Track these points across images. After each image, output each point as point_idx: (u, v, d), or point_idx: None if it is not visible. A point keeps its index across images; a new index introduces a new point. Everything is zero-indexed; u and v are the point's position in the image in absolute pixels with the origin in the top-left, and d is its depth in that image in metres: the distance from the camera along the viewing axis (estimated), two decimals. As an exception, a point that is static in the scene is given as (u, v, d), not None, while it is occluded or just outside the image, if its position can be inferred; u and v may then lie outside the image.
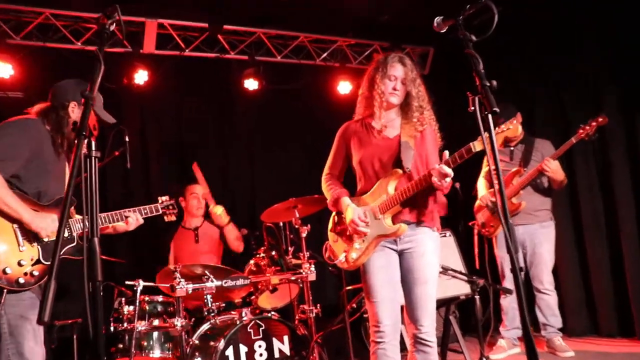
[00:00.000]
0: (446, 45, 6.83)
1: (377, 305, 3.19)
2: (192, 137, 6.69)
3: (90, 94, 1.92)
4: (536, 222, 5.23)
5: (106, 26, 2.08)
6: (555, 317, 5.23)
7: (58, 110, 3.26)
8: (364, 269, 3.27)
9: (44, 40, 5.69)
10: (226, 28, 6.19)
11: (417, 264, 3.19)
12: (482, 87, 2.12)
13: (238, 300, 4.88)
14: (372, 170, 3.30)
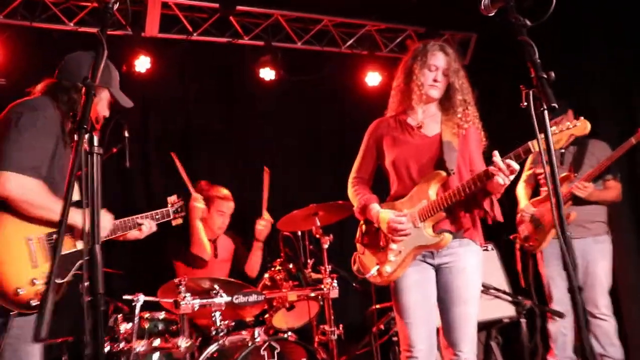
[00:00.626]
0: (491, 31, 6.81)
1: (410, 327, 3.19)
2: (199, 133, 6.72)
3: (91, 82, 1.93)
4: (589, 236, 5.17)
5: (109, 5, 2.09)
6: (614, 347, 5.15)
7: (70, 90, 3.08)
8: (396, 285, 3.26)
9: (30, 20, 5.70)
10: (239, 9, 6.22)
11: (456, 281, 3.19)
12: (537, 80, 2.11)
13: (250, 318, 4.88)
14: (408, 173, 3.30)
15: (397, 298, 3.26)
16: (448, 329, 3.19)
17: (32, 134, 2.84)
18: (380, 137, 3.42)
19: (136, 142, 6.14)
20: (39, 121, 2.89)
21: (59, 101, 3.04)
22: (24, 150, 2.80)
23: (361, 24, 6.87)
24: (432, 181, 3.20)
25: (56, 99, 3.04)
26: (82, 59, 3.19)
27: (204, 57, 6.59)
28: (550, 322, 5.35)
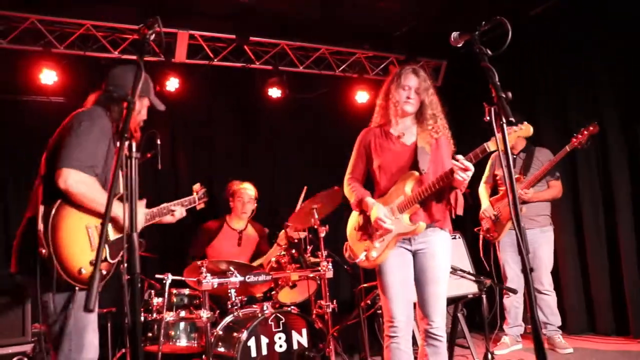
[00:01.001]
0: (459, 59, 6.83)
1: (392, 302, 3.20)
2: (218, 141, 6.72)
3: (131, 99, 1.93)
4: (536, 227, 5.22)
5: (147, 36, 2.10)
6: (554, 316, 5.21)
7: (120, 102, 3.02)
8: (380, 267, 3.26)
9: (84, 50, 5.75)
10: (252, 39, 6.22)
11: (429, 264, 3.20)
12: (498, 98, 2.11)
13: (259, 295, 4.87)
14: (390, 174, 3.30)
15: (381, 278, 3.26)
16: (423, 304, 3.20)
17: (91, 138, 2.80)
18: (368, 144, 3.41)
19: (167, 149, 6.15)
20: (96, 127, 2.84)
21: (110, 110, 2.98)
22: (84, 152, 2.75)
23: (352, 52, 6.85)
24: (408, 180, 3.21)
25: (108, 109, 2.98)
26: (126, 72, 3.14)
27: (222, 78, 6.60)
28: (505, 297, 5.39)
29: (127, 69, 3.17)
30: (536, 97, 6.17)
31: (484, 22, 2.46)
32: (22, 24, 5.38)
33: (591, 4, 5.56)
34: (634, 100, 5.25)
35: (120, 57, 5.81)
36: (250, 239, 5.51)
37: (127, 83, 3.03)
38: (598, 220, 5.67)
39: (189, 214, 6.14)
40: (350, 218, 3.54)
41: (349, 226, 3.53)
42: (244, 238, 5.45)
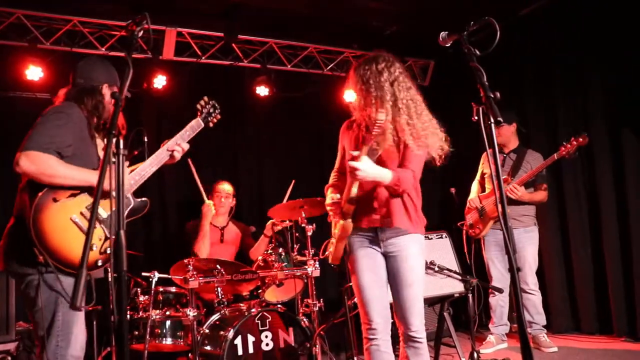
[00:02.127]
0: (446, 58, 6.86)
1: (368, 304, 3.12)
2: (204, 138, 6.66)
3: (119, 95, 1.92)
4: (520, 227, 5.25)
5: (135, 33, 2.08)
6: (539, 315, 5.26)
7: (92, 93, 3.05)
8: (352, 269, 3.20)
9: (71, 46, 5.68)
10: (241, 37, 6.20)
11: (401, 268, 3.08)
12: (486, 98, 2.12)
13: (246, 293, 4.87)
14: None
15: (353, 280, 3.19)
16: (399, 308, 3.09)
17: (52, 124, 2.78)
18: (341, 138, 3.43)
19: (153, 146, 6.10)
20: (62, 115, 2.84)
21: (83, 103, 3.00)
22: (42, 136, 2.73)
23: (340, 51, 6.87)
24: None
25: (80, 102, 3.00)
26: (95, 66, 3.17)
27: (210, 76, 6.56)
28: (490, 296, 5.42)
29: (93, 61, 3.21)
30: (525, 97, 6.21)
31: (473, 23, 2.46)
32: (7, 19, 5.31)
33: (580, 6, 5.59)
34: (622, 100, 5.29)
35: (108, 54, 5.77)
36: (232, 235, 5.54)
37: (94, 75, 3.10)
38: (582, 219, 5.72)
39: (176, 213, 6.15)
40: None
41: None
42: (226, 235, 5.49)
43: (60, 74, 5.64)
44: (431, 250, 4.66)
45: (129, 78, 1.99)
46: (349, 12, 5.93)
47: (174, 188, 6.36)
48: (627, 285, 5.29)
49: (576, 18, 5.65)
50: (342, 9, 5.87)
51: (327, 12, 5.92)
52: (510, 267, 2.05)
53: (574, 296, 5.82)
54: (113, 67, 3.25)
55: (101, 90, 3.11)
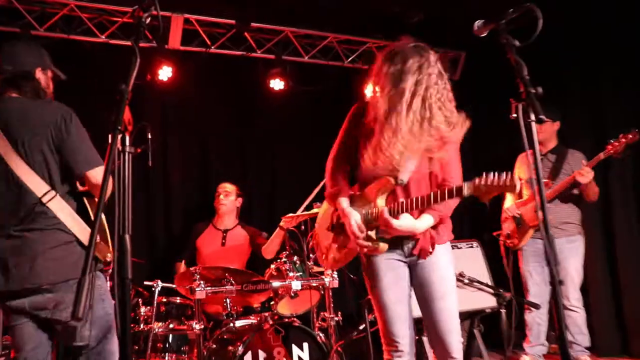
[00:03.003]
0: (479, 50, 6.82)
1: (393, 323, 3.01)
2: (214, 136, 6.72)
3: (125, 89, 1.93)
4: (563, 237, 5.18)
5: (142, 19, 2.10)
6: (582, 335, 5.19)
7: (26, 79, 3.05)
8: (373, 284, 3.06)
9: (68, 33, 5.73)
10: (253, 26, 6.21)
11: (431, 277, 2.99)
12: (527, 94, 2.10)
13: (257, 305, 4.89)
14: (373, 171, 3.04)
15: (375, 295, 3.05)
16: (433, 325, 2.98)
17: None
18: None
19: (158, 143, 6.16)
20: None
21: (21, 90, 3.02)
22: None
23: (362, 41, 6.86)
24: (378, 187, 2.98)
25: (17, 89, 3.02)
26: (19, 50, 3.14)
27: (220, 68, 6.60)
28: (527, 312, 5.37)
29: (16, 44, 3.21)
30: (568, 93, 6.14)
31: (511, 10, 2.44)
32: (-2, 4, 5.34)
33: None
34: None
35: (108, 42, 5.82)
36: (236, 238, 5.59)
37: (22, 59, 3.08)
38: (632, 230, 5.65)
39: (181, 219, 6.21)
40: (320, 216, 3.43)
41: (322, 212, 3.41)
42: (229, 238, 5.55)
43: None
44: (460, 261, 4.64)
45: (136, 68, 2.00)
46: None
47: (179, 192, 6.40)
48: None
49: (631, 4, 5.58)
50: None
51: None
52: (551, 280, 2.03)
53: (622, 315, 5.75)
54: (42, 47, 3.26)
55: (34, 74, 3.10)
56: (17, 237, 2.83)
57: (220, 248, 5.46)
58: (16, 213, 2.85)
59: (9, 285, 2.79)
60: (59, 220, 2.85)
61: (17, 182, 2.84)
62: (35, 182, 2.84)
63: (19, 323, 2.91)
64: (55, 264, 2.80)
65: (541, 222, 2.02)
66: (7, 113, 2.93)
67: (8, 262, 2.80)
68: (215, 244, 5.48)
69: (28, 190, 2.83)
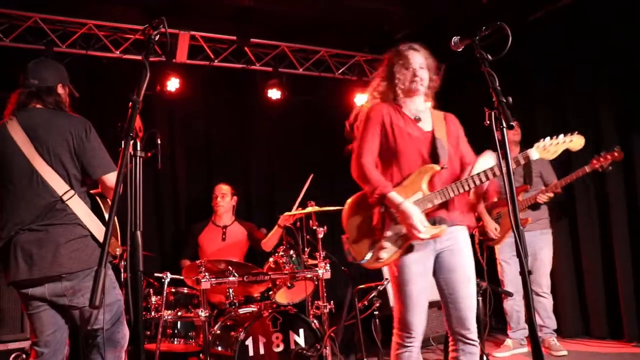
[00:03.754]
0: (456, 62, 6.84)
1: (411, 312, 2.86)
2: (217, 141, 6.73)
3: (136, 99, 1.95)
4: (537, 229, 5.24)
5: (152, 37, 2.11)
6: (550, 319, 5.24)
7: (49, 93, 3.12)
8: (402, 275, 2.87)
9: (86, 49, 5.75)
10: (253, 41, 6.22)
11: (459, 262, 2.88)
12: (498, 103, 2.13)
13: (257, 294, 4.89)
14: (408, 162, 2.94)
15: (403, 285, 2.86)
16: (456, 308, 2.85)
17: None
18: (383, 122, 2.99)
19: (166, 148, 6.16)
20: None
21: (44, 102, 3.09)
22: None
23: (352, 54, 6.87)
24: (425, 174, 2.87)
25: (41, 101, 3.08)
26: (40, 68, 3.20)
27: (223, 79, 6.61)
28: (505, 302, 5.39)
29: (41, 62, 3.28)
30: (535, 103, 6.17)
31: (484, 27, 2.46)
32: (25, 23, 5.38)
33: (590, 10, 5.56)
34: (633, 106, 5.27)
35: (122, 57, 5.83)
36: (235, 234, 5.58)
37: (46, 75, 3.15)
38: (593, 226, 5.70)
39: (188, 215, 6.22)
40: (350, 208, 3.07)
41: (349, 218, 3.04)
42: (229, 233, 5.54)
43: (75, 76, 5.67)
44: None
45: (146, 81, 2.02)
46: (360, 16, 5.95)
47: (187, 189, 6.41)
48: (638, 289, 5.27)
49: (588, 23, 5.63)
50: (352, 14, 5.89)
51: (338, 16, 5.95)
52: (521, 271, 2.05)
53: (585, 300, 5.80)
54: (61, 66, 3.33)
55: (56, 89, 3.17)
56: (40, 230, 2.87)
57: (221, 243, 5.45)
58: (38, 210, 2.90)
59: (33, 274, 2.83)
60: (77, 216, 2.91)
61: (42, 181, 2.91)
62: (57, 182, 2.90)
63: (39, 310, 2.94)
64: (75, 254, 2.86)
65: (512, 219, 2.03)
66: (33, 121, 3.00)
67: (32, 253, 2.84)
68: (217, 240, 5.47)
69: (50, 188, 2.90)
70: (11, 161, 2.96)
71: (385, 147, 2.98)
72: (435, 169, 2.88)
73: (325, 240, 4.45)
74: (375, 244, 2.91)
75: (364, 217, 2.98)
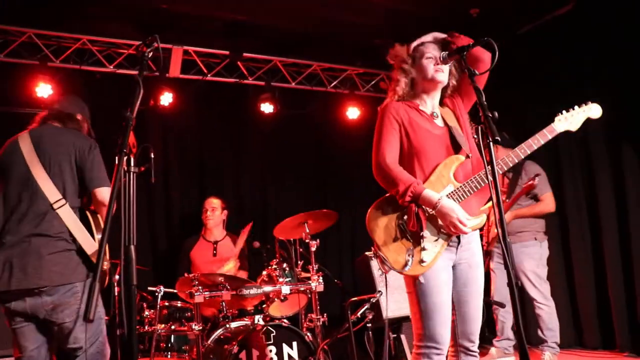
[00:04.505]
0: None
1: (442, 324, 2.68)
2: (210, 155, 6.76)
3: (130, 115, 1.98)
4: (518, 242, 5.23)
5: (146, 54, 2.15)
6: (550, 330, 5.16)
7: (69, 118, 3.28)
8: (430, 283, 2.67)
9: (80, 64, 5.79)
10: (245, 56, 6.28)
11: (474, 276, 2.79)
12: (485, 118, 2.16)
13: (250, 308, 4.90)
14: (429, 160, 2.78)
15: (429, 297, 2.67)
16: (465, 320, 2.75)
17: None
18: (402, 120, 2.82)
19: (159, 162, 6.19)
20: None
21: (64, 124, 3.23)
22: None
23: (343, 68, 6.92)
24: (452, 165, 2.74)
25: (62, 123, 3.23)
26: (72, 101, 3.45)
27: (216, 94, 6.65)
28: (494, 311, 5.41)
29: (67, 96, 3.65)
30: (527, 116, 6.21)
31: (472, 43, 2.52)
32: (20, 38, 5.43)
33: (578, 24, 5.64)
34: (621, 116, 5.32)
35: (116, 72, 5.86)
36: (226, 249, 5.57)
37: (71, 107, 3.36)
38: (584, 234, 5.76)
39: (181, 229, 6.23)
40: (375, 216, 2.79)
41: (377, 226, 2.77)
42: (219, 249, 5.55)
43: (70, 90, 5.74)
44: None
45: (139, 98, 2.06)
46: (352, 29, 6.00)
47: (180, 203, 6.42)
48: (629, 300, 5.31)
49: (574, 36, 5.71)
50: (344, 27, 5.95)
51: (330, 31, 6.00)
52: (509, 282, 2.08)
53: (577, 311, 5.84)
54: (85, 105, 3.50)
55: (76, 116, 3.33)
56: (25, 241, 2.87)
57: (212, 259, 5.46)
58: (28, 217, 2.91)
59: (11, 285, 2.82)
60: (65, 228, 2.91)
61: (36, 188, 2.94)
62: (50, 189, 2.93)
63: (21, 325, 2.93)
64: (56, 268, 2.84)
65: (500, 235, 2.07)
66: (43, 134, 3.12)
67: (13, 264, 2.84)
68: (207, 256, 5.48)
69: (43, 195, 2.92)
70: (13, 170, 3.03)
71: (405, 147, 2.82)
72: (460, 159, 2.77)
73: (318, 254, 4.48)
74: (413, 248, 2.69)
75: (395, 222, 2.76)
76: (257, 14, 5.63)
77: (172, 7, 5.35)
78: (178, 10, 5.43)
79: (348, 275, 6.86)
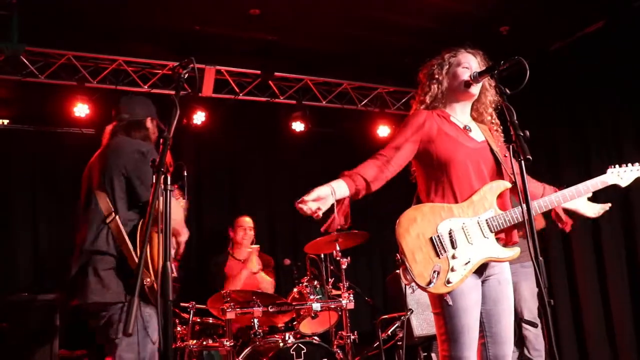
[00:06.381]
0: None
1: (470, 347, 2.52)
2: (241, 173, 6.83)
3: (167, 135, 2.03)
4: (517, 263, 5.11)
5: (182, 75, 2.21)
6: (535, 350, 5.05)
7: (138, 126, 3.27)
8: (459, 303, 2.51)
9: (116, 84, 5.94)
10: (277, 75, 6.35)
11: (505, 293, 2.65)
12: (516, 137, 2.16)
13: (281, 325, 4.91)
14: (466, 176, 2.61)
15: (458, 318, 2.50)
16: (497, 341, 2.60)
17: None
18: (429, 129, 2.65)
19: (192, 180, 6.27)
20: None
21: (132, 136, 3.22)
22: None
23: (374, 87, 6.95)
24: (497, 191, 2.61)
25: (129, 134, 3.22)
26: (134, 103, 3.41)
27: (247, 112, 6.73)
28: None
29: (133, 97, 3.51)
30: (557, 135, 6.17)
31: (503, 62, 2.50)
32: (59, 60, 5.60)
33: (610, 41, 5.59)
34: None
35: (150, 92, 5.98)
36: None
37: (137, 110, 3.33)
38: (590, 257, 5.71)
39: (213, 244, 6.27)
40: (409, 223, 2.57)
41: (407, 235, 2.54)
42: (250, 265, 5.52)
43: (105, 110, 5.87)
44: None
45: (176, 118, 2.11)
46: (381, 48, 6.04)
47: (211, 223, 6.49)
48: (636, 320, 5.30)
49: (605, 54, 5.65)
50: (374, 46, 5.99)
51: (360, 49, 6.04)
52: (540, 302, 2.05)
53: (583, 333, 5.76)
54: (150, 100, 3.50)
55: (145, 123, 3.33)
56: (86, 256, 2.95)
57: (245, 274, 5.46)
58: (90, 230, 2.98)
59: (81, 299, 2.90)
60: (113, 244, 2.94)
61: (95, 203, 3.01)
62: (104, 203, 2.99)
63: None
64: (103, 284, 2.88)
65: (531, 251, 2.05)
66: (109, 148, 3.17)
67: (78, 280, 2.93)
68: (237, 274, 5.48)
69: (100, 209, 2.99)
70: (84, 187, 3.15)
71: (432, 160, 2.64)
72: (507, 186, 2.63)
73: (348, 271, 4.48)
74: (441, 266, 2.49)
75: (428, 233, 2.54)
76: (288, 34, 5.71)
77: (205, 29, 5.46)
78: (210, 32, 5.54)
79: (378, 293, 6.84)
